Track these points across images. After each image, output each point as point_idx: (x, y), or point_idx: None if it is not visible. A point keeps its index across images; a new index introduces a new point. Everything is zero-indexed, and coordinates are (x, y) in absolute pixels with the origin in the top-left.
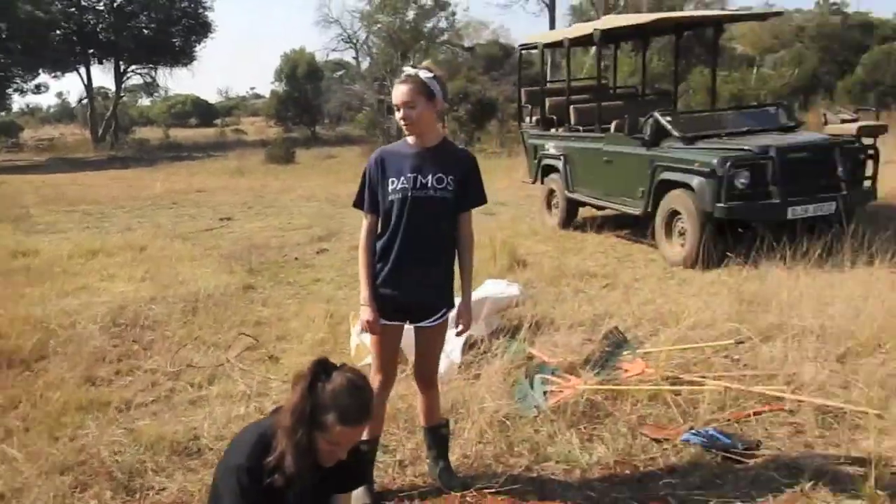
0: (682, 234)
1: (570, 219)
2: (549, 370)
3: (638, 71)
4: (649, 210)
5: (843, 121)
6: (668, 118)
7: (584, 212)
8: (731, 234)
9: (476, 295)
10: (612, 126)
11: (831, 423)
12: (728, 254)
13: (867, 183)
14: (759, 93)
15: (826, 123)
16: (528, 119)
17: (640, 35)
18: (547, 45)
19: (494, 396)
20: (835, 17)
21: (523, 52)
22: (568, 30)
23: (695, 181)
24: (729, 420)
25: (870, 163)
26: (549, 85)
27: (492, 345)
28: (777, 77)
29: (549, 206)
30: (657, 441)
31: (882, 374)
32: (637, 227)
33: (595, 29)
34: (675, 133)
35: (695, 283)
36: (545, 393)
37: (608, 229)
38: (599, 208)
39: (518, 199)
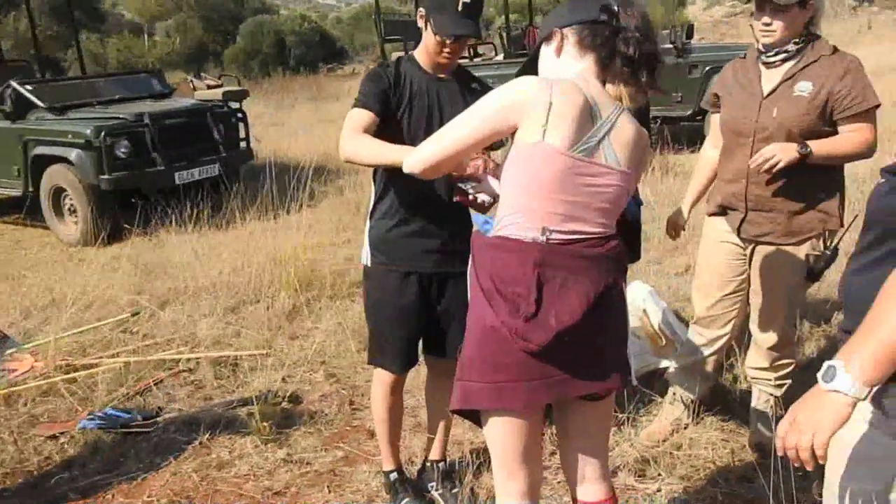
0: (72, 211)
1: None
2: None
3: (8, 36)
4: (31, 189)
5: (209, 86)
6: (30, 87)
7: None
8: (125, 206)
9: None
10: None
11: (227, 374)
12: (126, 225)
13: (243, 144)
14: (147, 60)
15: (195, 89)
16: None
17: None
18: None
19: None
20: None
21: None
22: None
23: (73, 154)
24: (129, 395)
25: (241, 125)
26: None
27: None
28: (164, 45)
29: None
30: (53, 438)
31: (267, 317)
32: (33, 210)
33: None
34: (42, 104)
35: (96, 261)
36: None
37: None
38: None
39: None
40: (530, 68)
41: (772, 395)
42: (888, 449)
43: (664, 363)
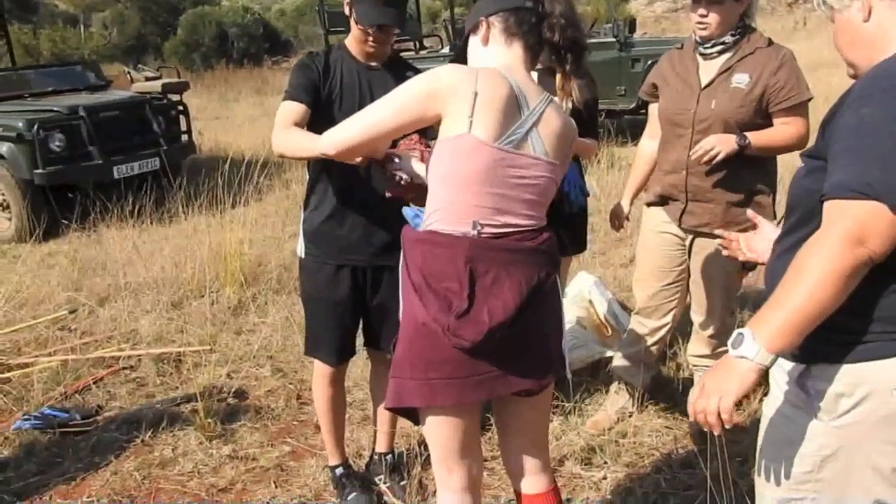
0: (5, 207)
1: None
2: None
3: None
4: None
5: (147, 78)
6: None
7: None
8: (61, 200)
9: None
10: None
11: (170, 370)
12: (63, 221)
13: (185, 137)
14: (82, 52)
15: (133, 81)
16: None
17: None
18: None
19: None
20: None
21: None
22: None
23: (4, 148)
24: (67, 394)
25: (182, 118)
26: None
27: None
28: (100, 37)
29: None
30: None
31: (211, 313)
32: None
33: None
34: None
35: (31, 258)
36: None
37: None
38: None
39: None
40: (460, 61)
41: None
42: (812, 429)
43: (609, 353)
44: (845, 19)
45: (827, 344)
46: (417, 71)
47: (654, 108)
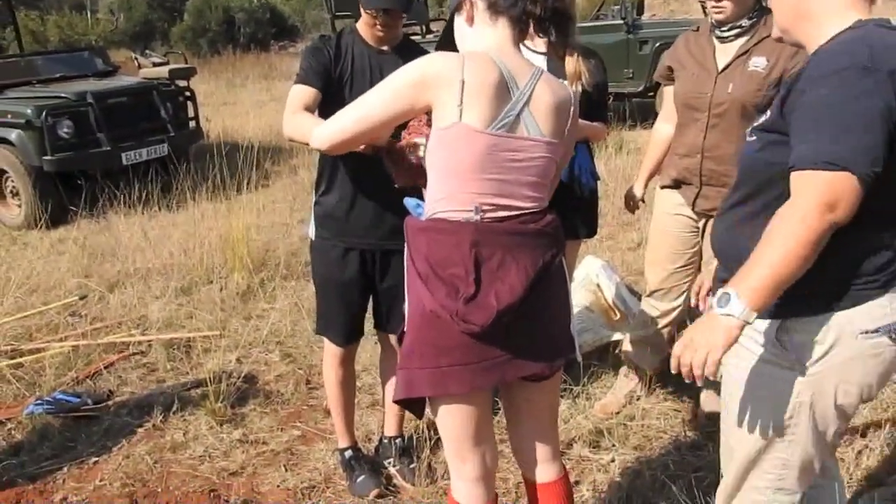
0: (14, 193)
1: None
2: None
3: None
4: None
5: (155, 64)
6: None
7: None
8: (70, 187)
9: None
10: None
11: (180, 356)
12: (72, 208)
13: (192, 123)
14: (90, 38)
15: (140, 67)
16: None
17: None
18: None
19: None
20: None
21: None
22: None
23: (13, 135)
24: (79, 379)
25: (189, 104)
26: None
27: None
28: (107, 23)
29: None
30: None
31: (220, 299)
32: None
33: None
34: None
35: (41, 244)
36: None
37: None
38: None
39: None
40: (446, 42)
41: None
42: (788, 380)
43: (617, 336)
44: None
45: (802, 299)
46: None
47: (668, 91)
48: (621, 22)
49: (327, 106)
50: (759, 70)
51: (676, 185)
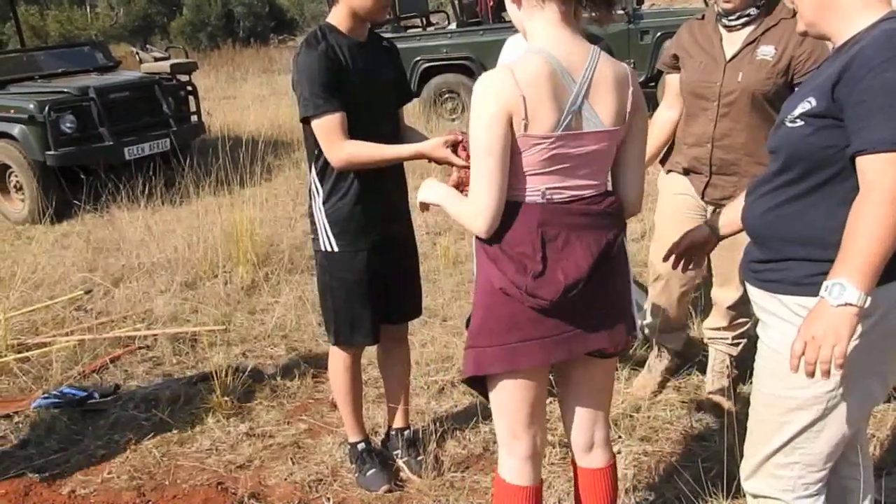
0: (18, 188)
1: None
2: None
3: None
4: None
5: (156, 59)
6: None
7: None
8: (73, 182)
9: None
10: None
11: (185, 350)
12: (76, 202)
13: (194, 118)
14: (90, 33)
15: (141, 62)
16: None
17: None
18: None
19: None
20: None
21: None
22: None
23: (16, 129)
24: (85, 373)
25: (191, 98)
26: None
27: None
28: (106, 17)
29: None
30: (7, 417)
31: (225, 293)
32: None
33: None
34: None
35: (45, 239)
36: None
37: None
38: None
39: None
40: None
41: (728, 354)
42: None
43: None
44: None
45: None
46: (387, 39)
47: (672, 79)
48: (622, 12)
49: None
50: (768, 58)
51: (685, 173)
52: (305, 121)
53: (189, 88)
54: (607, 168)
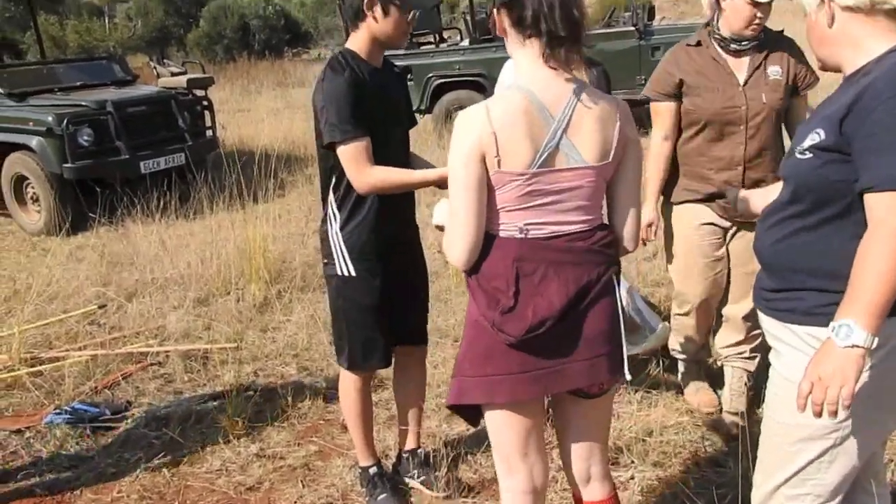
0: (35, 199)
1: None
2: None
3: None
4: None
5: (173, 73)
6: None
7: None
8: (89, 195)
9: None
10: None
11: (197, 367)
12: (91, 215)
13: (209, 133)
14: (108, 44)
15: (158, 76)
16: None
17: None
18: None
19: None
20: None
21: None
22: None
23: (34, 142)
24: (97, 389)
25: (207, 113)
26: None
27: None
28: (124, 28)
29: None
30: (18, 432)
31: (237, 310)
32: None
33: None
34: (1, 90)
35: (60, 251)
36: None
37: None
38: None
39: None
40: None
41: (745, 370)
42: None
43: (634, 350)
44: (814, 21)
45: None
46: (399, 68)
47: (668, 108)
48: (633, 28)
49: None
50: (779, 78)
51: (710, 199)
52: (331, 146)
53: (205, 103)
54: (598, 204)
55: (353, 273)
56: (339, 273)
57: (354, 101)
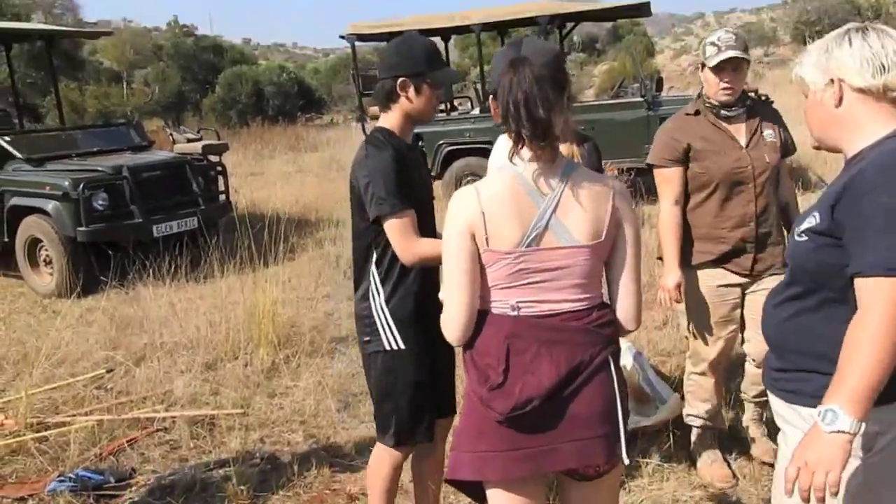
0: (48, 262)
1: None
2: None
3: None
4: (6, 239)
5: (189, 140)
6: (8, 139)
7: None
8: (101, 258)
9: None
10: None
11: (203, 433)
12: (102, 278)
13: (222, 197)
14: (125, 109)
15: (174, 142)
16: None
17: None
18: None
19: None
20: (188, 39)
21: None
22: None
23: (50, 205)
24: (102, 455)
25: (220, 178)
26: None
27: None
28: (142, 93)
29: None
30: (22, 500)
31: (245, 375)
32: (7, 261)
33: None
34: (20, 155)
35: (71, 314)
36: None
37: None
38: None
39: None
40: None
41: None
42: (853, 467)
43: (644, 422)
44: (818, 101)
45: None
46: (413, 136)
47: (675, 173)
48: (641, 99)
49: None
50: (774, 139)
51: (725, 259)
52: (377, 220)
53: (219, 168)
54: (596, 282)
55: (403, 346)
56: (388, 348)
57: (399, 175)
